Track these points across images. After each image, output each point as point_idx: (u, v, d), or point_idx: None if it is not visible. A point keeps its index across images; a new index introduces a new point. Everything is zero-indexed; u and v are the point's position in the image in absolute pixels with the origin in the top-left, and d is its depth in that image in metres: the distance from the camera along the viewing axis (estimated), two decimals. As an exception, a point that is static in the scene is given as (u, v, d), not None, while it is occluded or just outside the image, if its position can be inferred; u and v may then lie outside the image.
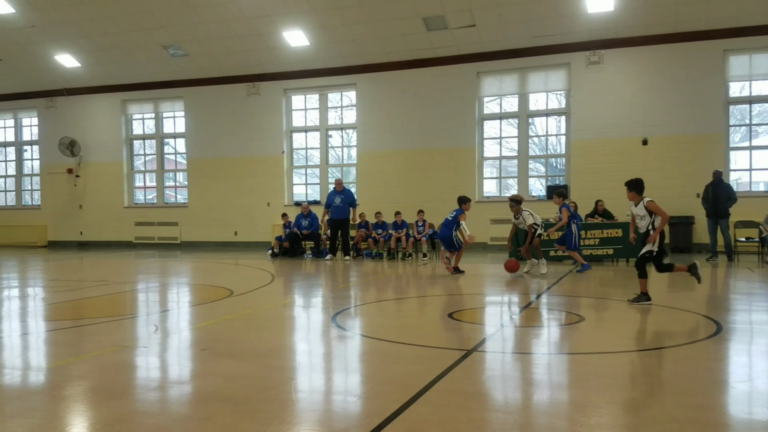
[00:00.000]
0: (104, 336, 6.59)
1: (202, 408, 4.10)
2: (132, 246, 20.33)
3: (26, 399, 4.43)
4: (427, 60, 17.24)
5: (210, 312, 8.10)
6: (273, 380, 4.81)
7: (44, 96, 21.33)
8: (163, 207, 20.70)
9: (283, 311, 8.33)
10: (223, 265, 14.57)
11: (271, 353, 5.70)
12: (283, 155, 18.96)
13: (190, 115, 19.92)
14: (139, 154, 21.33)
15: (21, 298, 9.86)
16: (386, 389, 4.44)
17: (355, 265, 13.82)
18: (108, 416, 3.96)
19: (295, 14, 16.20)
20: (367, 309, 8.34)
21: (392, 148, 17.75)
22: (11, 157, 22.88)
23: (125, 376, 5.06)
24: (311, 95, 19.02)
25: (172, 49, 18.28)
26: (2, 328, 7.26)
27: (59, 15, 17.30)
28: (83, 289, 10.63)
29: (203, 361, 5.45)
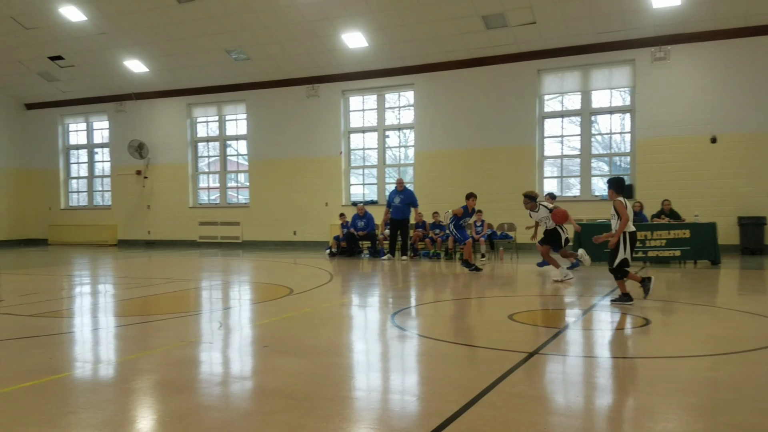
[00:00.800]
0: (170, 332, 6.81)
1: (265, 403, 4.17)
2: (196, 245, 20.94)
3: (98, 391, 4.62)
4: (486, 58, 17.05)
5: (271, 310, 8.25)
6: (333, 378, 4.85)
7: (114, 100, 22.23)
8: (226, 207, 21.23)
9: (342, 310, 8.40)
10: (283, 264, 14.82)
11: (330, 351, 5.76)
12: (340, 156, 19.13)
13: (252, 117, 20.36)
14: (203, 156, 21.95)
15: (93, 295, 10.30)
16: (446, 390, 4.42)
17: (413, 265, 13.81)
18: (176, 409, 4.08)
19: (353, 16, 16.33)
20: (425, 309, 8.32)
21: (450, 147, 17.65)
22: (83, 159, 23.94)
23: (191, 370, 5.21)
24: (369, 96, 19.13)
25: (234, 53, 18.73)
26: (75, 324, 7.60)
27: (128, 22, 17.99)
28: (151, 286, 11.01)
29: (265, 357, 5.55)
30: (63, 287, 11.24)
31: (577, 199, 16.83)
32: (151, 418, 4.01)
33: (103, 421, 3.86)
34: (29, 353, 5.75)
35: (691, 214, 14.07)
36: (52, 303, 8.98)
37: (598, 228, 13.65)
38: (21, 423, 3.77)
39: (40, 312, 7.96)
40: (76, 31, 18.65)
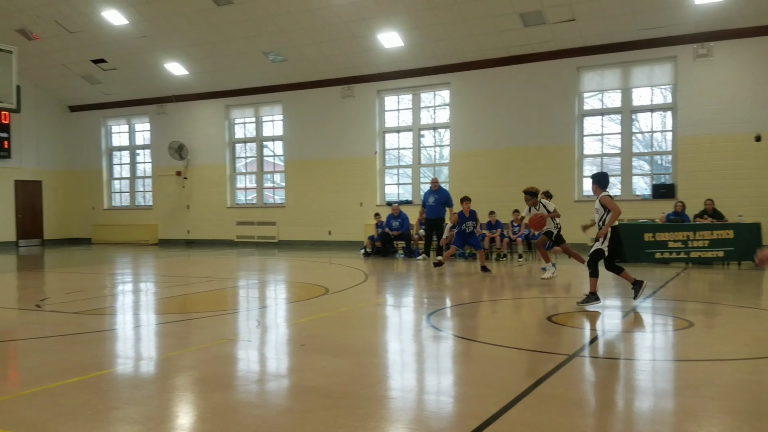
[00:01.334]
0: (210, 329, 6.92)
1: (303, 401, 4.20)
2: (234, 244, 21.23)
3: (141, 387, 4.72)
4: (524, 56, 16.87)
5: (307, 309, 8.31)
6: (370, 377, 4.86)
7: (155, 103, 22.68)
8: (262, 207, 21.47)
9: (377, 310, 8.41)
10: (318, 263, 14.91)
11: (367, 351, 5.77)
12: (375, 156, 19.17)
13: (288, 118, 20.54)
14: (240, 156, 22.24)
15: (135, 293, 10.53)
16: (483, 391, 4.39)
17: (448, 266, 13.74)
18: (216, 406, 4.15)
19: (389, 16, 16.34)
20: (461, 310, 8.27)
21: (486, 146, 17.51)
22: (126, 160, 24.50)
23: (230, 368, 5.28)
24: (404, 95, 19.11)
25: (271, 55, 18.93)
26: (118, 321, 7.78)
27: (168, 25, 18.35)
28: (190, 284, 11.21)
29: (302, 356, 5.59)
30: (106, 285, 11.53)
31: (617, 199, 16.37)
32: (192, 414, 4.08)
33: (146, 417, 3.94)
34: (75, 350, 5.90)
35: (734, 214, 13.68)
36: (96, 301, 9.21)
37: (640, 228, 13.41)
38: (68, 418, 3.88)
39: (85, 309, 8.17)
40: (118, 35, 19.09)
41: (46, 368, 5.12)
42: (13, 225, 22.49)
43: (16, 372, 5.31)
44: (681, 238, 12.95)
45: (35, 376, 4.90)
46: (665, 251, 12.88)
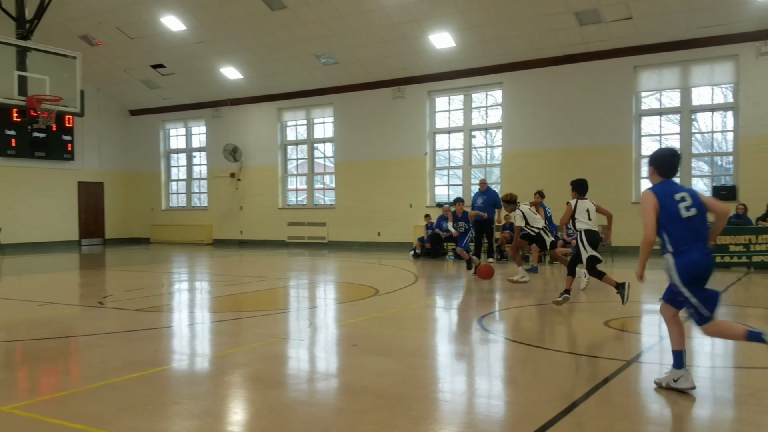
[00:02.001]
0: (262, 328, 7.03)
1: (355, 401, 4.22)
2: (285, 245, 21.53)
3: (199, 383, 4.84)
4: (579, 55, 16.53)
5: (357, 309, 8.35)
6: (422, 379, 4.85)
7: (211, 106, 23.23)
8: (313, 208, 21.71)
9: (428, 311, 8.39)
10: (368, 264, 14.97)
11: (418, 352, 5.76)
12: (425, 157, 19.12)
13: (339, 120, 20.71)
14: (292, 158, 22.55)
15: (190, 291, 10.80)
16: (539, 396, 4.32)
17: (499, 268, 13.58)
18: (271, 403, 4.21)
19: (441, 16, 16.29)
20: (513, 313, 8.16)
21: (540, 147, 17.23)
22: (182, 163, 25.18)
23: (283, 366, 5.36)
24: (455, 96, 19.00)
25: (323, 58, 19.13)
26: (175, 319, 7.99)
27: (224, 30, 18.77)
28: (243, 284, 11.42)
29: (354, 356, 5.62)
30: (164, 284, 11.87)
31: (675, 201, 16.00)
32: (248, 411, 4.15)
33: (204, 412, 4.04)
34: (135, 346, 6.09)
35: (803, 217, 13.07)
36: (155, 299, 9.49)
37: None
38: (130, 412, 4.00)
39: (144, 307, 8.43)
40: (176, 41, 19.64)
41: (108, 364, 5.31)
42: (77, 225, 23.40)
43: (81, 367, 5.52)
44: (743, 241, 12.46)
45: (99, 371, 5.08)
46: (726, 255, 12.41)
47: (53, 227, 22.46)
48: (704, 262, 4.22)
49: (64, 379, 5.12)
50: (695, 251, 4.20)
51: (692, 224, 4.23)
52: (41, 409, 4.05)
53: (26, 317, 7.84)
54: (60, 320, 7.78)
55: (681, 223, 4.24)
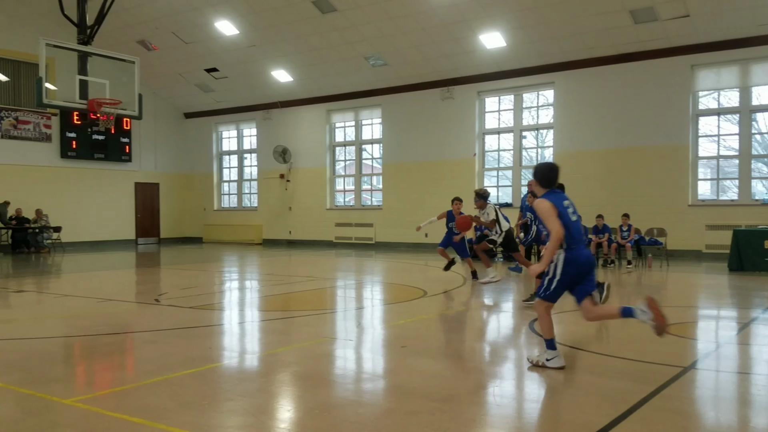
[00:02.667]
0: (311, 328, 7.10)
1: (406, 403, 4.22)
2: (332, 245, 21.70)
3: (251, 381, 4.92)
4: (634, 54, 16.13)
5: (406, 310, 8.35)
6: (473, 382, 4.81)
7: (262, 109, 23.65)
8: (360, 209, 21.82)
9: (478, 314, 8.31)
10: (415, 265, 14.94)
11: (468, 355, 5.72)
12: (474, 158, 18.97)
13: (387, 121, 20.77)
14: (340, 159, 22.73)
15: (241, 290, 11.00)
16: (593, 401, 4.22)
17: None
18: (321, 402, 4.25)
19: (492, 16, 16.15)
20: (565, 317, 8.01)
21: (593, 147, 16.88)
22: (234, 164, 25.70)
23: (332, 366, 5.40)
24: (505, 96, 18.80)
25: (372, 59, 19.22)
26: (227, 317, 8.15)
27: (276, 34, 19.07)
28: (292, 283, 11.56)
29: (404, 357, 5.62)
30: (216, 282, 12.12)
31: (735, 204, 15.45)
32: (300, 409, 4.19)
33: (257, 409, 4.10)
34: (190, 342, 6.24)
35: None
36: (207, 297, 9.71)
37: (760, 235, 12.46)
38: (187, 407, 4.10)
39: (197, 305, 8.63)
40: (229, 45, 20.06)
41: (165, 359, 5.45)
42: (133, 224, 24.16)
43: (138, 362, 5.69)
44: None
45: (156, 366, 5.23)
46: None
47: (111, 226, 23.23)
48: (589, 259, 5.05)
49: (123, 373, 5.29)
50: (582, 249, 5.01)
51: (577, 226, 5.06)
52: (102, 403, 4.19)
53: (86, 313, 8.13)
54: (118, 316, 8.03)
55: (572, 226, 4.97)
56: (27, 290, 10.53)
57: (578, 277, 4.97)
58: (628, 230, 14.50)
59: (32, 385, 4.60)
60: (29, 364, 5.36)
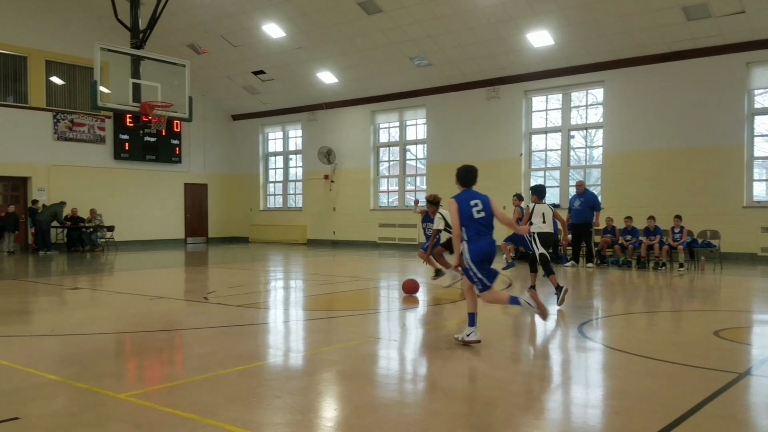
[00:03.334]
0: (355, 327, 7.13)
1: (452, 405, 4.19)
2: (375, 246, 21.75)
3: (298, 379, 4.96)
4: (686, 52, 15.67)
5: (450, 312, 8.30)
6: (522, 386, 4.75)
7: (307, 110, 23.89)
8: (404, 210, 21.79)
9: (525, 317, 8.20)
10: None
11: (516, 358, 5.65)
12: (521, 158, 18.74)
13: (432, 121, 20.70)
14: (384, 160, 22.77)
15: (286, 290, 11.12)
16: (645, 407, 4.11)
17: (599, 274, 13.11)
18: (367, 402, 4.26)
19: (539, 15, 15.92)
20: (615, 321, 7.84)
21: (644, 147, 16.45)
22: (279, 165, 26.05)
23: (377, 366, 5.40)
24: (553, 95, 18.50)
25: (417, 59, 19.20)
26: (273, 315, 8.25)
27: (322, 36, 19.25)
28: (336, 283, 11.63)
29: (450, 359, 5.58)
30: (261, 281, 12.30)
31: (795, 206, 14.83)
32: (347, 408, 4.21)
33: (305, 407, 4.14)
34: (238, 340, 6.35)
35: None
36: (254, 296, 9.86)
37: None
38: (236, 404, 4.17)
39: (244, 303, 8.77)
40: (276, 47, 20.34)
41: (215, 356, 5.56)
42: (183, 224, 24.73)
43: (189, 359, 5.81)
44: None
45: (206, 363, 5.33)
46: None
47: (161, 226, 23.83)
48: (488, 249, 5.92)
49: (173, 369, 5.42)
50: (483, 241, 5.88)
51: (482, 221, 5.92)
52: (154, 398, 4.30)
53: (139, 310, 8.35)
54: (169, 314, 8.23)
55: (474, 221, 5.90)
56: (82, 287, 10.89)
57: (482, 263, 5.88)
58: (680, 232, 14.09)
59: (88, 379, 4.76)
60: (85, 359, 5.54)
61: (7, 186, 20.34)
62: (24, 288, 10.98)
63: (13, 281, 11.83)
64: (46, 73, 20.70)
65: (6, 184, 20.29)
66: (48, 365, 5.26)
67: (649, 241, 14.22)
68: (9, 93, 20.21)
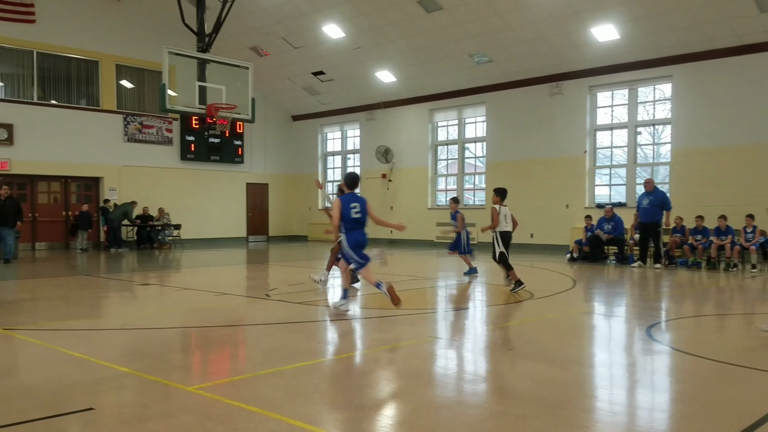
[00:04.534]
0: (415, 327, 7.11)
1: (516, 407, 4.11)
2: (433, 245, 21.65)
3: (359, 376, 4.98)
4: (759, 45, 14.89)
5: (511, 313, 8.17)
6: (586, 388, 4.63)
7: (365, 110, 24.02)
8: (462, 208, 21.46)
9: (588, 318, 7.99)
10: (519, 267, 14.56)
11: (580, 360, 5.50)
12: (585, 155, 18.27)
13: (491, 119, 20.44)
14: (442, 158, 22.64)
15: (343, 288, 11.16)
16: (715, 413, 3.94)
17: (667, 275, 12.64)
18: (429, 401, 4.23)
19: (604, 8, 15.48)
20: (685, 323, 7.54)
21: (714, 143, 15.76)
22: (338, 165, 26.30)
23: (439, 366, 5.37)
24: (619, 90, 17.96)
25: (477, 56, 18.99)
26: (330, 313, 8.31)
27: (381, 35, 19.31)
28: (394, 282, 11.60)
29: (511, 360, 5.49)
30: (320, 279, 12.41)
31: None
32: (408, 407, 4.19)
33: (367, 404, 4.15)
34: (300, 336, 6.43)
35: None
36: (313, 293, 9.97)
37: None
38: (301, 399, 4.21)
39: (304, 300, 8.88)
40: (335, 48, 20.54)
41: (277, 352, 5.65)
42: (245, 223, 25.31)
43: (253, 354, 5.92)
44: None
45: (269, 358, 5.43)
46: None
47: (225, 224, 24.45)
48: (362, 238, 7.89)
49: (239, 364, 5.54)
50: (357, 233, 7.84)
51: (358, 220, 7.85)
52: (220, 391, 4.39)
53: (204, 306, 8.58)
54: (233, 309, 8.43)
55: (351, 219, 7.78)
56: (151, 283, 11.27)
57: (356, 248, 7.75)
58: (753, 232, 13.44)
59: (157, 372, 4.91)
60: (155, 352, 5.73)
61: (80, 186, 21.29)
62: (96, 284, 11.46)
63: (86, 277, 12.36)
64: (116, 76, 21.57)
65: (79, 184, 21.24)
66: (119, 358, 5.46)
67: (719, 241, 13.62)
68: (82, 96, 21.16)
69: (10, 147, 19.13)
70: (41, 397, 4.28)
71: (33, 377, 4.87)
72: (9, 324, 7.05)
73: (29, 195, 20.11)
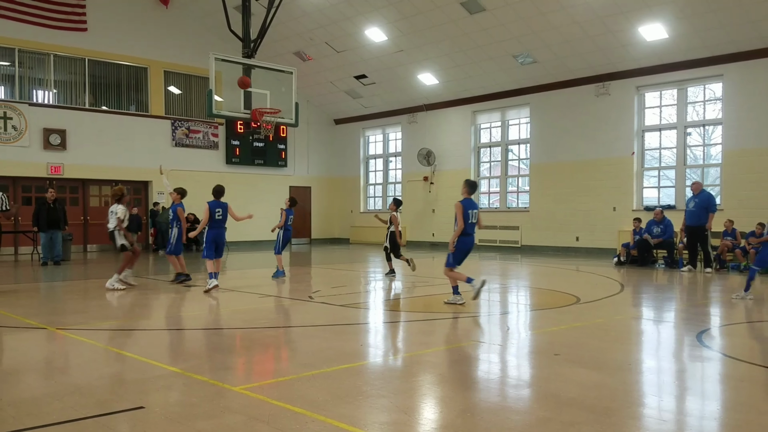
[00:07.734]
0: (457, 330, 7.07)
1: (562, 413, 4.04)
2: (476, 248, 21.42)
3: (402, 379, 4.97)
4: (816, 41, 14.38)
5: (557, 317, 8.04)
6: (635, 395, 4.52)
7: (407, 113, 24.02)
8: (505, 211, 21.39)
9: (637, 323, 7.81)
10: (565, 270, 14.36)
11: (628, 366, 5.37)
12: (632, 156, 17.86)
13: (536, 120, 20.18)
14: (485, 161, 22.45)
15: (385, 290, 11.19)
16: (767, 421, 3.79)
17: (718, 279, 12.25)
18: (473, 406, 4.19)
19: (652, 7, 15.09)
20: (736, 330, 7.29)
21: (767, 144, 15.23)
22: (380, 167, 26.35)
23: (481, 370, 5.32)
24: (667, 90, 17.50)
25: (521, 57, 18.79)
26: (374, 316, 8.32)
27: (423, 38, 19.28)
28: (436, 285, 11.57)
29: (558, 365, 5.40)
30: (362, 282, 12.47)
31: None
32: (451, 411, 4.17)
33: (409, 407, 4.14)
34: (343, 339, 6.46)
35: None
36: (356, 296, 10.02)
37: None
38: (343, 400, 4.24)
39: (347, 303, 8.92)
40: (377, 51, 20.61)
41: (321, 354, 5.68)
42: (288, 225, 25.56)
43: (297, 355, 5.98)
44: None
45: (313, 360, 5.47)
46: None
47: (268, 227, 24.68)
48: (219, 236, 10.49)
49: (283, 365, 5.59)
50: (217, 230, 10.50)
51: (220, 221, 10.29)
52: (266, 392, 4.45)
53: (250, 308, 8.71)
54: (277, 312, 8.53)
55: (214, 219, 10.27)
56: (198, 285, 11.49)
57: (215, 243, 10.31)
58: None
59: (205, 372, 5.00)
60: (202, 352, 5.84)
61: (130, 189, 21.87)
62: (145, 285, 11.75)
63: (135, 278, 12.69)
64: (164, 83, 22.11)
65: (129, 187, 21.82)
66: (168, 357, 5.58)
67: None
68: (131, 102, 21.76)
69: (63, 152, 19.81)
70: (94, 395, 4.41)
71: (85, 376, 5.02)
72: (62, 324, 7.30)
73: (81, 198, 20.78)
